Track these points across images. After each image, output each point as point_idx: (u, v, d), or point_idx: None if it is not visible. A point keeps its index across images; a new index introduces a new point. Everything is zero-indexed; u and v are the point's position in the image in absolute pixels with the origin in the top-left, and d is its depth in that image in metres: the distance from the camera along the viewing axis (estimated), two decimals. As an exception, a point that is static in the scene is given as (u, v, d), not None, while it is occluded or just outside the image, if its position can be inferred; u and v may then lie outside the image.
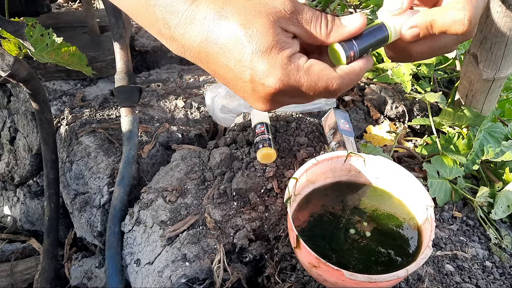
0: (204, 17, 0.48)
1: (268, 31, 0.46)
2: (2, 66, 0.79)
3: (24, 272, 1.14)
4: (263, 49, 0.46)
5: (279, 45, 0.47)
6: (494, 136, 0.91)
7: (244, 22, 0.46)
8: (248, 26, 0.46)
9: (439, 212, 0.88)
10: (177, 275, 0.75)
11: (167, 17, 0.49)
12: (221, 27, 0.47)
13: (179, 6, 0.48)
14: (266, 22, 0.46)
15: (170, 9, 0.49)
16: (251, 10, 0.47)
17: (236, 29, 0.46)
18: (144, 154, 1.03)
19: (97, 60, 1.23)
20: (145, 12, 0.50)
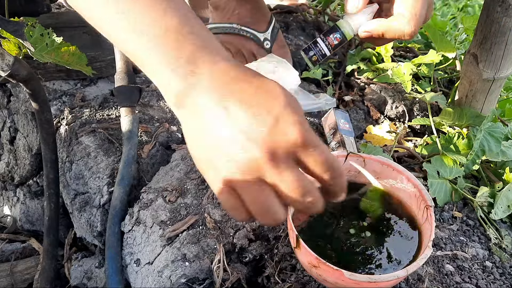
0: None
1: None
2: (2, 66, 0.79)
3: (24, 272, 1.14)
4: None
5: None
6: (494, 136, 0.91)
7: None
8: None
9: (439, 212, 0.88)
10: (177, 275, 0.75)
11: (209, 45, 0.51)
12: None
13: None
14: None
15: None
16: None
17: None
18: (144, 154, 1.03)
19: (97, 60, 1.23)
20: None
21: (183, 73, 0.49)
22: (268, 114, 0.46)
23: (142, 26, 0.49)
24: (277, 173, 0.46)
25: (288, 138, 0.46)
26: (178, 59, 0.49)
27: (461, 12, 2.71)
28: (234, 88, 0.48)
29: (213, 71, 0.49)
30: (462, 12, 2.73)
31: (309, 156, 0.48)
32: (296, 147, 0.47)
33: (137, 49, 0.51)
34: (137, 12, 0.49)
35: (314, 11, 1.74)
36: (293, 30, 1.59)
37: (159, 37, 0.49)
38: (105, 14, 0.51)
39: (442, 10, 2.72)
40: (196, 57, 0.49)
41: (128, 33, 0.50)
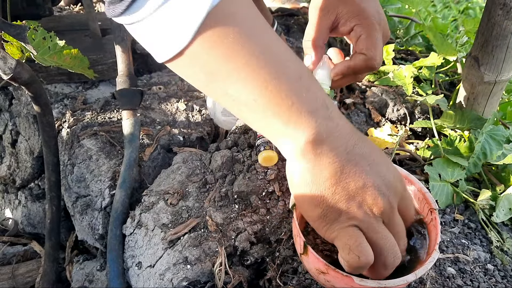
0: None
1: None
2: (4, 69, 0.79)
3: (25, 275, 1.14)
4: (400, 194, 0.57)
5: None
6: (496, 139, 0.91)
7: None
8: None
9: (441, 215, 0.88)
10: (179, 278, 0.75)
11: (326, 100, 0.54)
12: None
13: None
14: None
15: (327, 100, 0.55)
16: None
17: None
18: (145, 157, 1.03)
19: (99, 63, 1.23)
20: (305, 91, 0.53)
21: (322, 117, 0.53)
22: (388, 165, 0.57)
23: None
24: (393, 214, 0.56)
25: (400, 188, 0.57)
26: (317, 106, 0.53)
27: (462, 15, 2.71)
28: (360, 138, 0.55)
29: (341, 116, 0.55)
30: (463, 14, 2.73)
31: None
32: (399, 197, 0.57)
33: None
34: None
35: (315, 14, 1.74)
36: (294, 33, 1.59)
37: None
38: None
39: (443, 12, 2.72)
40: (329, 107, 0.54)
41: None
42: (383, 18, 0.76)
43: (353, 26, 0.74)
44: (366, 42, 0.72)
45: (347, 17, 0.74)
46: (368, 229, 0.53)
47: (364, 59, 0.72)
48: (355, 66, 0.73)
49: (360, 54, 0.72)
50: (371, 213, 0.53)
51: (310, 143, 0.52)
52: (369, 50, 0.71)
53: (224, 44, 0.50)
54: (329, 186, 0.53)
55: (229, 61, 0.51)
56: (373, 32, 0.72)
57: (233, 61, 0.50)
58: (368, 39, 0.72)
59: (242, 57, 0.50)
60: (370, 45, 0.72)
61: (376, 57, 0.72)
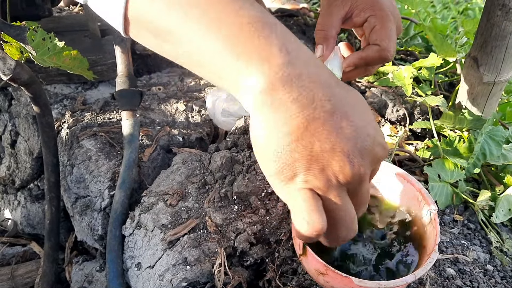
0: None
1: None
2: (3, 69, 0.79)
3: (25, 276, 1.14)
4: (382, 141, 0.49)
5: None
6: (495, 140, 0.91)
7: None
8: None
9: (440, 216, 0.88)
10: (178, 278, 0.75)
11: (288, 46, 0.47)
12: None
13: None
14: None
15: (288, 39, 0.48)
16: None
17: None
18: (145, 158, 1.03)
19: (98, 63, 1.23)
20: (257, 37, 0.46)
21: (278, 64, 0.46)
22: (367, 128, 0.48)
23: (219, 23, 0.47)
24: (361, 184, 0.49)
25: (380, 155, 0.49)
26: (271, 52, 0.46)
27: (462, 15, 2.72)
28: (335, 93, 0.48)
29: (310, 65, 0.48)
30: (463, 15, 2.73)
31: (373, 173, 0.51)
32: (378, 164, 0.50)
33: (216, 46, 0.47)
34: (214, 10, 0.47)
35: (315, 14, 1.74)
36: (294, 33, 1.58)
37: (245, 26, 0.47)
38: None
39: (442, 13, 2.72)
40: (290, 52, 0.47)
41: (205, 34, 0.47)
42: (397, 10, 0.75)
43: (367, 17, 0.73)
44: (380, 33, 0.72)
45: (361, 7, 0.74)
46: (326, 197, 0.48)
47: (377, 50, 0.72)
48: (368, 57, 0.73)
49: (374, 45, 0.72)
50: (334, 180, 0.47)
51: (264, 93, 0.46)
52: (383, 41, 0.71)
53: None
54: (288, 142, 0.46)
55: (170, 12, 0.47)
56: (388, 23, 0.72)
57: (174, 10, 0.47)
58: (382, 30, 0.72)
59: (184, 4, 0.47)
60: (384, 36, 0.71)
61: (390, 48, 0.71)
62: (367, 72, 0.79)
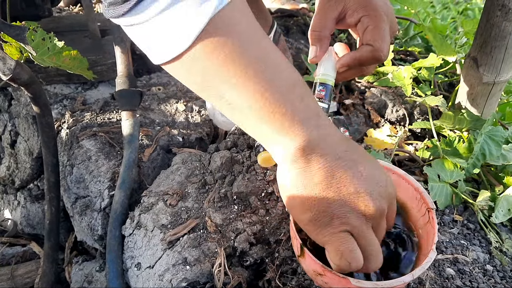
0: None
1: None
2: (3, 70, 0.79)
3: (24, 276, 1.14)
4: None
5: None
6: (495, 140, 0.91)
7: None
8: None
9: (440, 216, 0.88)
10: (178, 279, 0.75)
11: (318, 109, 0.56)
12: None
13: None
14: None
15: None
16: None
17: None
18: (145, 158, 1.03)
19: (98, 63, 1.23)
20: (298, 100, 0.54)
21: (313, 126, 0.54)
22: (379, 172, 0.57)
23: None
24: (382, 219, 0.57)
25: (393, 193, 0.59)
26: (309, 115, 0.55)
27: (461, 16, 2.72)
28: (350, 147, 0.56)
29: (331, 125, 0.57)
30: (462, 15, 2.73)
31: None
32: (393, 201, 0.60)
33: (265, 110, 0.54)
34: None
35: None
36: (294, 33, 1.59)
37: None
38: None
39: (442, 13, 2.72)
40: (321, 116, 0.56)
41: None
42: (391, 10, 0.75)
43: (360, 17, 0.74)
44: (373, 33, 0.72)
45: (355, 8, 0.74)
46: (359, 235, 0.54)
47: (371, 50, 0.72)
48: (362, 57, 0.73)
49: (367, 45, 0.72)
50: (363, 219, 0.54)
51: (301, 150, 0.53)
52: (376, 41, 0.71)
53: (223, 51, 0.50)
54: (320, 190, 0.54)
55: (227, 68, 0.51)
56: (381, 24, 0.72)
57: (231, 68, 0.51)
58: (375, 30, 0.72)
59: (239, 65, 0.51)
60: (377, 36, 0.71)
61: (383, 48, 0.72)
62: (363, 73, 0.80)
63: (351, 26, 0.77)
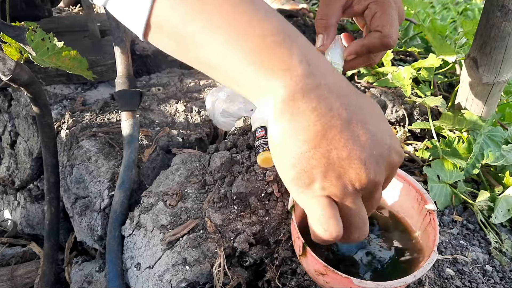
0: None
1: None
2: (3, 70, 0.79)
3: (24, 276, 1.14)
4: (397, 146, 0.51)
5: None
6: (494, 140, 0.91)
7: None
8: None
9: (439, 216, 0.88)
10: (178, 279, 0.75)
11: (309, 57, 0.48)
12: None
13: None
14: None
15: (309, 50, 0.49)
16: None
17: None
18: (144, 158, 1.03)
19: (98, 64, 1.23)
20: (279, 47, 0.47)
21: (299, 75, 0.47)
22: (383, 135, 0.50)
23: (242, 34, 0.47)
24: (376, 190, 0.51)
25: (396, 162, 0.51)
26: (293, 63, 0.47)
27: (461, 16, 2.72)
28: (352, 101, 0.49)
29: (328, 75, 0.49)
30: (462, 16, 2.74)
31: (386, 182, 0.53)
32: (394, 170, 0.52)
33: (236, 55, 0.48)
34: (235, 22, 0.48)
35: (314, 14, 1.74)
36: (293, 34, 1.59)
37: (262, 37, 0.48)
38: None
39: (442, 13, 2.72)
40: (310, 63, 0.48)
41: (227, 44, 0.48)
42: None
43: (367, 4, 0.73)
44: (381, 19, 0.71)
45: None
46: (342, 203, 0.50)
47: (379, 36, 0.70)
48: (370, 44, 0.72)
49: (375, 32, 0.71)
50: (350, 187, 0.49)
51: (285, 102, 0.47)
52: (385, 27, 0.70)
53: (186, 2, 0.47)
54: (306, 149, 0.47)
55: (195, 19, 0.47)
56: (389, 9, 0.71)
57: (199, 18, 0.47)
58: (383, 16, 0.71)
59: (209, 12, 0.47)
60: (386, 22, 0.70)
61: (392, 34, 0.70)
62: (370, 61, 0.78)
63: (358, 14, 0.76)
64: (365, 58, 0.76)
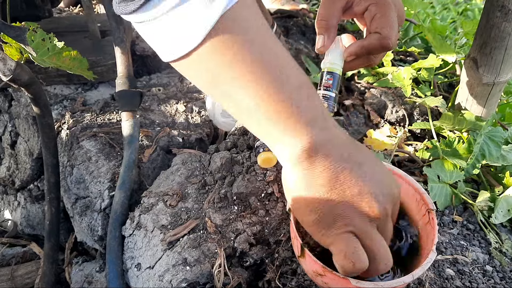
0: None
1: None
2: (4, 70, 0.79)
3: (24, 276, 1.14)
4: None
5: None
6: (494, 141, 0.91)
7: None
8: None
9: (440, 216, 0.88)
10: (178, 279, 0.75)
11: (324, 111, 0.56)
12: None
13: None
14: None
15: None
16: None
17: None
18: (144, 158, 1.03)
19: (98, 64, 1.23)
20: (305, 101, 0.54)
21: (319, 127, 0.54)
22: (383, 173, 0.57)
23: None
24: (388, 221, 0.57)
25: (397, 195, 0.59)
26: (315, 116, 0.54)
27: (461, 16, 2.72)
28: (355, 148, 0.57)
29: (336, 128, 0.56)
30: (462, 16, 2.74)
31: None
32: (397, 203, 0.60)
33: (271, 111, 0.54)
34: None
35: (315, 15, 1.74)
36: (294, 34, 1.59)
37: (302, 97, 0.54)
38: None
39: (442, 14, 2.72)
40: (326, 117, 0.56)
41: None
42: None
43: (367, 6, 0.73)
44: (381, 21, 0.72)
45: None
46: (363, 236, 0.54)
47: (378, 37, 0.71)
48: (369, 45, 0.73)
49: (374, 33, 0.72)
50: (367, 220, 0.54)
51: (306, 151, 0.53)
52: (384, 28, 0.71)
53: (232, 50, 0.50)
54: (324, 192, 0.54)
55: (235, 67, 0.51)
56: (389, 11, 0.72)
57: (238, 66, 0.51)
58: (383, 18, 0.71)
59: (248, 64, 0.51)
60: (385, 24, 0.71)
61: (391, 36, 0.71)
62: (370, 62, 0.79)
63: (358, 15, 0.77)
64: (364, 59, 0.77)
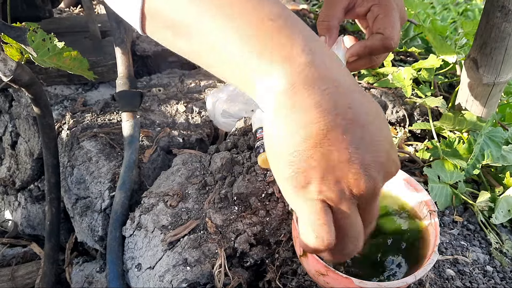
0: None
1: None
2: (4, 71, 0.79)
3: (25, 277, 1.14)
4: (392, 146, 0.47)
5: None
6: (495, 141, 0.91)
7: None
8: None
9: (440, 217, 0.88)
10: (178, 279, 0.75)
11: (311, 45, 0.44)
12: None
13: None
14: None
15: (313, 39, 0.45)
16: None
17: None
18: (145, 159, 1.03)
19: (99, 65, 1.23)
20: (278, 35, 0.44)
21: (301, 64, 0.43)
22: (385, 142, 0.45)
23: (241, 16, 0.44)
24: (373, 200, 0.47)
25: (393, 172, 0.47)
26: (293, 44, 0.43)
27: (461, 17, 2.72)
28: (357, 100, 0.45)
29: (333, 67, 0.45)
30: (462, 16, 2.74)
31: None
32: (388, 180, 0.47)
33: (232, 38, 0.44)
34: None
35: (315, 15, 1.75)
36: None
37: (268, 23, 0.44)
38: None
39: (442, 14, 2.72)
40: (312, 46, 0.44)
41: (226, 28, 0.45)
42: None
43: (370, 6, 0.74)
44: (383, 22, 0.72)
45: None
46: (338, 210, 0.45)
47: (381, 38, 0.71)
48: (372, 46, 0.73)
49: (377, 34, 0.72)
50: (348, 193, 0.44)
51: (285, 93, 0.43)
52: (387, 29, 0.71)
53: None
54: (306, 148, 0.43)
55: (189, 6, 0.45)
56: (391, 12, 0.72)
57: (193, 4, 0.45)
58: (385, 19, 0.72)
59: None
60: (387, 24, 0.71)
61: (393, 36, 0.71)
62: (372, 63, 0.78)
63: (360, 16, 0.77)
64: (367, 60, 0.77)
